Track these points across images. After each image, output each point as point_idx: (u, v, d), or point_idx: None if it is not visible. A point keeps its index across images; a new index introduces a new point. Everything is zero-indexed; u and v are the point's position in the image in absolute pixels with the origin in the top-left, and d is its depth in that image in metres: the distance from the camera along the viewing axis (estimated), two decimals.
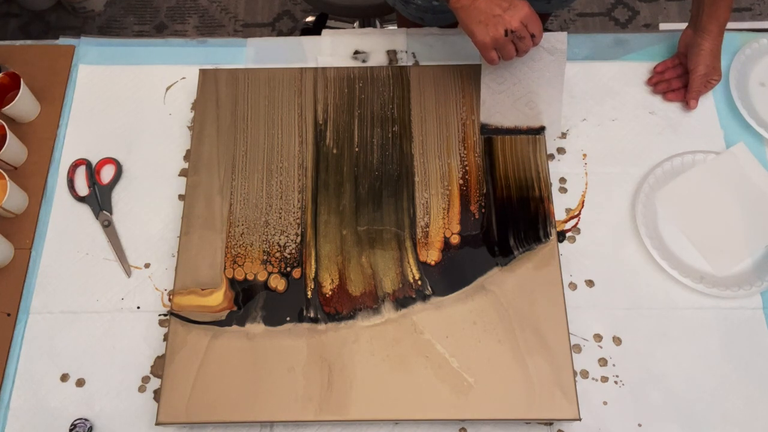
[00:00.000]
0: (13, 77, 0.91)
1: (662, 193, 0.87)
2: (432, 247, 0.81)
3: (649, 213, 0.85)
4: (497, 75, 0.84)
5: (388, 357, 0.75)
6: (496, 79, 0.84)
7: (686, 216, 0.86)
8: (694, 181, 0.87)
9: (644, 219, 0.85)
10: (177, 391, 0.74)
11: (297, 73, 0.92)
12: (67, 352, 0.80)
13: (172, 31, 1.92)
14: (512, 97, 0.85)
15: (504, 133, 0.87)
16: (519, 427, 0.76)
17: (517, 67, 0.83)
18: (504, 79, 0.84)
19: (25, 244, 0.86)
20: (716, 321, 0.81)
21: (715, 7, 0.85)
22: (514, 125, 0.87)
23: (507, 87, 0.84)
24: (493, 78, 0.84)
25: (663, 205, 0.86)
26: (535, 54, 0.81)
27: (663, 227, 0.85)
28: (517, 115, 0.86)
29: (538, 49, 0.80)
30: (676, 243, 0.85)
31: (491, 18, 0.73)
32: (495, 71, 0.84)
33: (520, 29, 0.73)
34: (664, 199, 0.86)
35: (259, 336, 0.76)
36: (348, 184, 0.85)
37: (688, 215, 0.86)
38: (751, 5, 1.95)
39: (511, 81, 0.84)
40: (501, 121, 0.86)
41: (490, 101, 0.86)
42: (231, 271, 0.80)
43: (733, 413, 0.76)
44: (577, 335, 0.80)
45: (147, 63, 0.98)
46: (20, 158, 0.90)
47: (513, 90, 0.84)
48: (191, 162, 0.86)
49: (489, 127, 0.87)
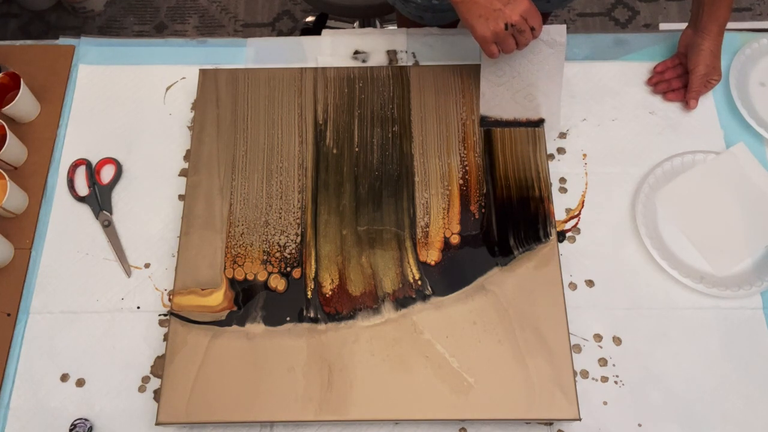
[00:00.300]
0: (13, 77, 0.91)
1: (662, 193, 0.87)
2: (432, 247, 0.81)
3: (649, 213, 0.85)
4: (497, 68, 0.84)
5: (388, 357, 0.75)
6: (496, 72, 0.84)
7: (686, 216, 0.86)
8: (694, 181, 0.87)
9: (644, 219, 0.85)
10: (177, 391, 0.74)
11: (297, 73, 0.92)
12: (67, 352, 0.80)
13: (172, 31, 1.92)
14: (511, 90, 0.85)
15: (503, 125, 0.87)
16: (519, 427, 0.76)
17: (517, 60, 0.83)
18: (503, 72, 0.84)
19: (25, 244, 0.86)
20: (716, 321, 0.81)
21: (715, 7, 0.85)
22: (513, 117, 0.87)
23: (506, 80, 0.84)
24: (492, 71, 0.84)
25: (663, 205, 0.86)
26: (534, 47, 0.81)
27: (663, 227, 0.85)
28: (516, 108, 0.86)
29: (537, 42, 0.80)
30: (676, 243, 0.85)
31: (491, 12, 0.73)
32: (494, 64, 0.84)
33: (520, 23, 0.73)
34: (664, 199, 0.87)
35: (259, 336, 0.76)
36: (348, 184, 0.85)
37: (688, 215, 0.86)
38: (751, 5, 1.95)
39: (511, 74, 0.84)
40: (500, 114, 0.86)
41: (489, 94, 0.86)
42: (231, 271, 0.80)
43: (733, 413, 0.76)
44: (577, 335, 0.80)
45: (147, 63, 0.98)
46: (20, 158, 0.90)
47: (512, 83, 0.85)
48: (191, 162, 0.86)
49: (488, 119, 0.87)
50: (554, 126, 0.88)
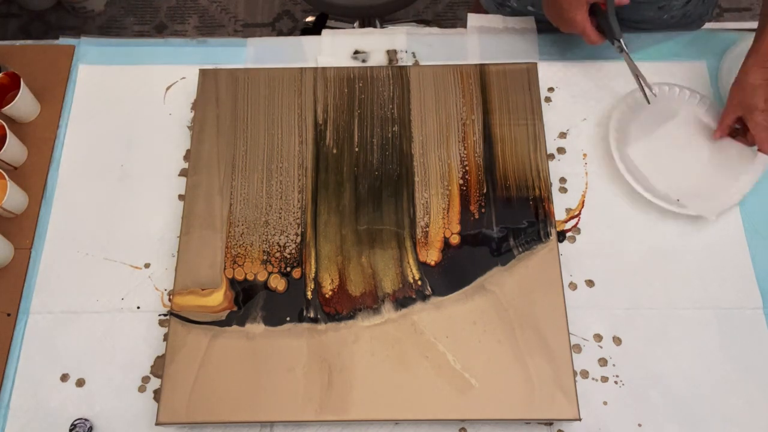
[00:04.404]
0: (13, 77, 0.91)
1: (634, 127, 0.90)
2: (432, 247, 0.81)
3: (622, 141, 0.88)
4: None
5: (388, 357, 0.75)
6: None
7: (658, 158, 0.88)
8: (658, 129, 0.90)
9: (616, 143, 0.87)
10: (177, 391, 0.74)
11: (297, 73, 0.92)
12: (67, 352, 0.80)
13: (172, 31, 1.92)
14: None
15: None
16: (519, 427, 0.76)
17: None
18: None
19: (25, 244, 0.86)
20: (716, 321, 0.81)
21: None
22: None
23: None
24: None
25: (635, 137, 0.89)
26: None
27: (633, 152, 0.88)
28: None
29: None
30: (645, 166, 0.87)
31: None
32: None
33: None
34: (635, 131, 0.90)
35: (259, 336, 0.76)
36: (348, 184, 0.85)
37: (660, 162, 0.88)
38: (751, 5, 1.95)
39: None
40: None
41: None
42: (231, 271, 0.80)
43: (733, 413, 0.76)
44: (577, 335, 0.80)
45: (147, 63, 0.98)
46: (20, 158, 0.90)
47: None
48: (191, 162, 0.86)
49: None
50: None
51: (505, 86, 0.90)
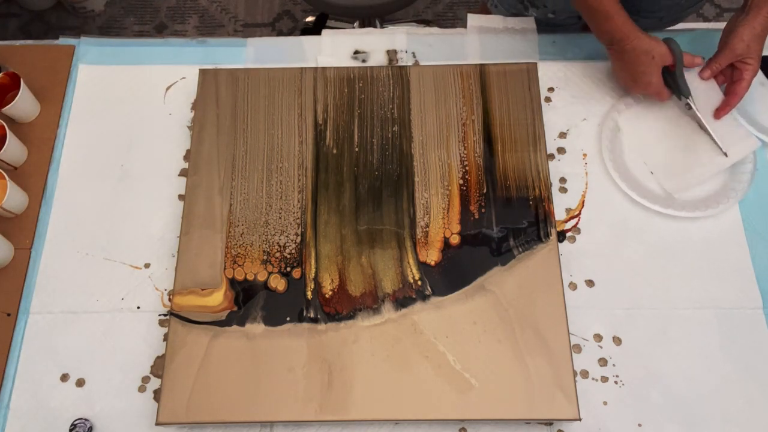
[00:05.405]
0: (13, 77, 0.91)
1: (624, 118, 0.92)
2: (432, 247, 0.81)
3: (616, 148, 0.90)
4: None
5: (388, 357, 0.75)
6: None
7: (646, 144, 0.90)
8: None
9: (610, 153, 0.89)
10: (177, 391, 0.74)
11: (297, 73, 0.92)
12: (67, 352, 0.80)
13: (172, 31, 1.92)
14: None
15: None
16: (519, 427, 0.76)
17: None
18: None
19: (25, 244, 0.86)
20: (716, 321, 0.81)
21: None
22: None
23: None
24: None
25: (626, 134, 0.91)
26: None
27: (627, 156, 0.90)
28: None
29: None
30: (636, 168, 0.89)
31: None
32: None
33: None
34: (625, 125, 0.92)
35: (259, 336, 0.76)
36: (348, 184, 0.85)
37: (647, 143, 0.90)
38: None
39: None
40: None
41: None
42: (231, 271, 0.80)
43: (733, 413, 0.76)
44: (577, 335, 0.80)
45: (147, 63, 0.98)
46: (20, 158, 0.90)
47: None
48: (191, 162, 0.86)
49: None
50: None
51: (505, 86, 0.90)
